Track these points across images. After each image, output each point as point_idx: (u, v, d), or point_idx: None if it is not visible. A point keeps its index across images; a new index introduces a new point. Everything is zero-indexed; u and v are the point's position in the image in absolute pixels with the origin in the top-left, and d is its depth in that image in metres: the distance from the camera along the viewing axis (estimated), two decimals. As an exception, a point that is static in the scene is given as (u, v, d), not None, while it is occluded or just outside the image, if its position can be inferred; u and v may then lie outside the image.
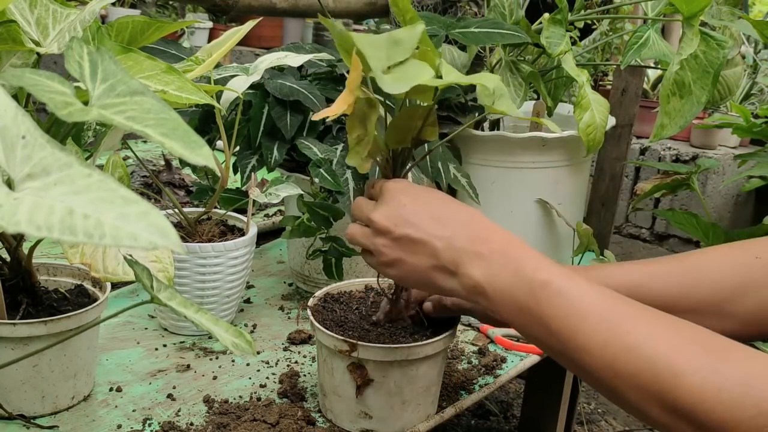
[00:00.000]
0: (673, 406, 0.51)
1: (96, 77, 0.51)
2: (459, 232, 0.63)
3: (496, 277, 0.60)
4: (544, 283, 0.58)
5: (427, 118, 0.67)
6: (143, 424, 0.79)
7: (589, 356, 0.55)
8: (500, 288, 0.60)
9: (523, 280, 0.59)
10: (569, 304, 0.56)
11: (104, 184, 0.41)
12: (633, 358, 0.53)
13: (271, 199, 0.99)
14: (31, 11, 0.66)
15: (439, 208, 0.65)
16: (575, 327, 0.56)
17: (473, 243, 0.62)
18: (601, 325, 0.55)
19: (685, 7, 1.09)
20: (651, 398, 0.52)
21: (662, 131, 1.16)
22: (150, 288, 0.65)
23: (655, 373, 0.52)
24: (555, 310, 0.57)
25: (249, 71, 0.99)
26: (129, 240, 0.38)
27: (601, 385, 0.56)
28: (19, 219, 0.38)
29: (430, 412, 0.83)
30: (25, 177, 0.41)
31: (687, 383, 0.51)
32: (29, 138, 0.43)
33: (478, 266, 0.61)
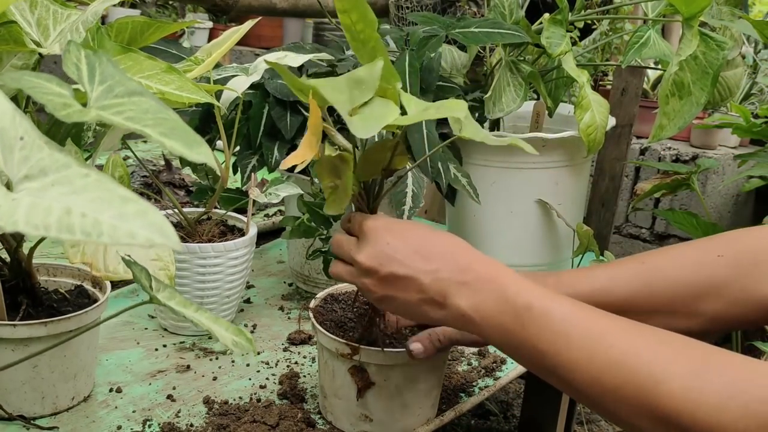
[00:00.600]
0: (659, 414, 0.52)
1: (94, 79, 0.51)
2: (443, 265, 0.64)
3: (481, 304, 0.62)
4: (527, 306, 0.59)
5: (395, 149, 0.68)
6: (143, 425, 0.79)
7: (576, 374, 0.56)
8: (487, 315, 0.61)
9: (508, 304, 0.60)
10: (553, 325, 0.58)
11: (102, 183, 0.41)
12: (616, 372, 0.54)
13: (271, 199, 0.98)
14: (31, 12, 0.66)
15: (422, 242, 0.66)
16: (560, 346, 0.57)
17: (458, 274, 0.63)
18: (584, 343, 0.56)
19: (685, 8, 1.09)
20: (637, 410, 0.53)
21: (661, 132, 1.16)
22: (149, 288, 0.65)
23: (638, 383, 0.53)
24: (540, 331, 0.58)
25: (249, 71, 0.99)
26: (127, 238, 0.38)
27: (591, 402, 0.57)
28: (17, 219, 0.38)
29: (430, 415, 0.83)
30: (23, 178, 0.41)
31: (669, 390, 0.51)
32: (27, 139, 0.43)
33: (465, 296, 0.62)
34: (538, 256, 1.26)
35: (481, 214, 1.24)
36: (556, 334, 0.57)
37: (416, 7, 1.44)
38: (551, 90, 1.27)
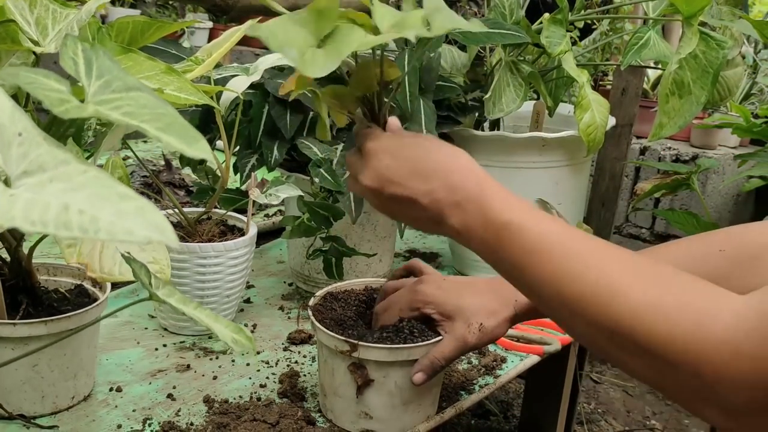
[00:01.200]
0: (614, 326, 0.52)
1: (91, 74, 0.51)
2: (438, 184, 0.66)
3: (469, 223, 0.64)
4: (507, 223, 0.61)
5: (382, 63, 0.69)
6: (143, 424, 0.79)
7: (544, 287, 0.58)
8: (474, 234, 0.64)
9: (491, 223, 0.62)
10: (527, 241, 0.60)
11: (100, 180, 0.41)
12: (578, 285, 0.55)
13: (271, 199, 0.99)
14: (30, 11, 0.66)
15: (420, 160, 0.68)
16: (532, 260, 0.59)
17: (450, 193, 0.65)
18: (553, 256, 0.58)
19: (685, 7, 1.09)
20: (594, 323, 0.54)
21: (661, 131, 1.16)
22: (148, 285, 0.64)
23: (596, 294, 0.54)
24: (516, 247, 0.60)
25: (249, 71, 0.99)
26: (124, 235, 0.38)
27: (557, 316, 0.59)
28: (14, 215, 0.38)
29: (430, 412, 0.83)
30: (21, 174, 0.41)
31: (626, 301, 0.52)
32: (25, 135, 0.43)
33: (457, 216, 0.64)
34: (538, 255, 1.26)
35: (481, 214, 1.24)
36: (530, 249, 0.59)
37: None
38: (551, 90, 1.27)
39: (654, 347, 0.51)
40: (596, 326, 0.54)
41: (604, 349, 0.55)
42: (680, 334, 0.50)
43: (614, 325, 0.53)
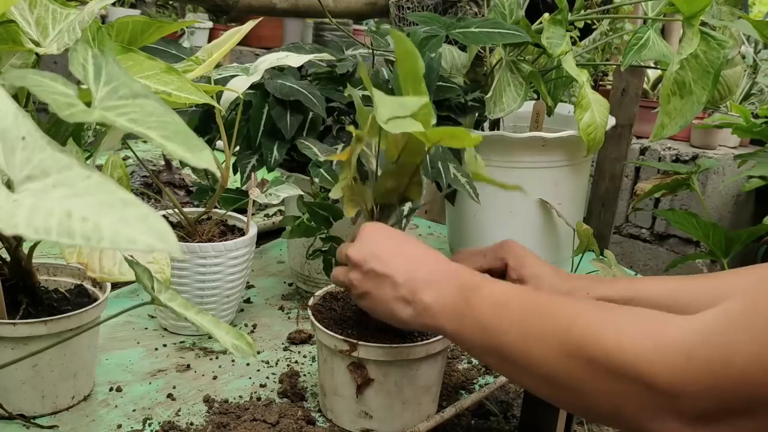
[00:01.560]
0: (572, 347, 0.54)
1: (100, 79, 0.51)
2: (419, 267, 0.69)
3: (441, 296, 0.67)
4: (476, 287, 0.65)
5: (413, 176, 0.75)
6: (143, 424, 0.79)
7: (510, 335, 0.60)
8: (445, 304, 0.66)
9: (461, 290, 0.66)
10: (494, 298, 0.63)
11: (104, 186, 0.41)
12: (541, 320, 0.58)
13: (271, 200, 0.99)
14: (30, 11, 0.66)
15: (406, 247, 0.72)
16: (499, 314, 0.62)
17: (429, 275, 0.68)
18: (519, 308, 0.61)
19: (686, 7, 1.09)
20: (553, 348, 0.56)
21: (662, 131, 1.16)
22: (151, 289, 0.65)
23: (557, 324, 0.57)
24: (484, 306, 0.63)
25: (249, 71, 0.99)
26: (127, 243, 0.38)
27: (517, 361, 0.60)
28: (17, 221, 0.38)
29: (431, 411, 0.83)
30: (25, 178, 0.41)
31: (582, 323, 0.55)
32: (29, 139, 0.43)
33: (429, 291, 0.67)
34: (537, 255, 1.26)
35: (481, 214, 1.25)
36: (496, 305, 0.62)
37: (417, 7, 1.44)
38: (551, 90, 1.27)
39: (608, 362, 0.52)
40: (557, 353, 0.55)
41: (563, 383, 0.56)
42: (631, 345, 0.51)
43: (572, 348, 0.54)
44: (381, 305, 0.71)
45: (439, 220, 1.61)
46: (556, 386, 0.57)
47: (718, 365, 0.46)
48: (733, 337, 0.46)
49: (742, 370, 0.45)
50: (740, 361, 0.45)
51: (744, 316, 0.47)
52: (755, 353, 0.44)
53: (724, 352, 0.46)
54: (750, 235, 1.58)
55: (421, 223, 1.58)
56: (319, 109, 1.04)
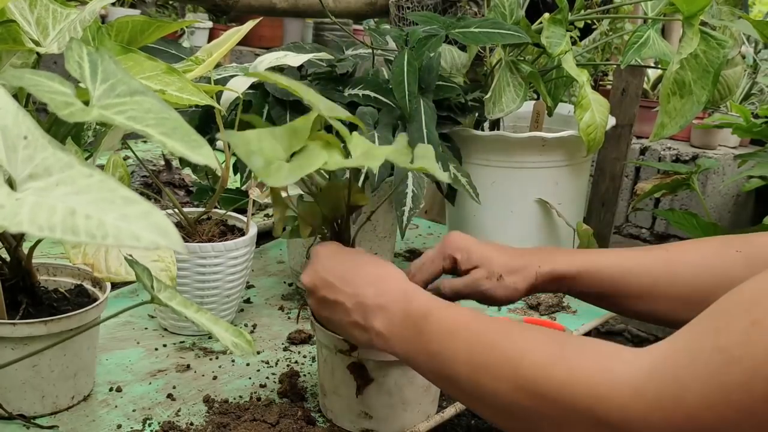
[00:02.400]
0: (522, 382, 0.54)
1: (96, 77, 0.51)
2: (366, 290, 0.69)
3: (391, 322, 0.66)
4: (425, 314, 0.65)
5: (350, 187, 0.74)
6: (143, 424, 0.79)
7: (458, 364, 0.60)
8: (395, 331, 0.66)
9: (410, 318, 0.65)
10: (443, 326, 0.63)
11: (105, 184, 0.41)
12: (490, 352, 0.58)
13: (271, 199, 0.98)
14: (31, 11, 0.66)
15: (353, 269, 0.72)
16: (447, 343, 0.61)
17: (376, 298, 0.68)
18: (466, 335, 0.61)
19: (686, 7, 1.09)
20: (503, 381, 0.56)
21: (662, 131, 1.16)
22: (150, 288, 0.65)
23: (506, 357, 0.57)
24: (432, 334, 0.63)
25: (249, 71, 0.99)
26: (131, 240, 0.38)
27: (469, 390, 0.59)
28: (21, 219, 0.38)
29: (431, 411, 0.83)
30: (27, 177, 0.41)
31: (532, 358, 0.55)
32: (31, 138, 0.43)
33: (380, 318, 0.67)
34: (538, 255, 1.26)
35: (481, 214, 1.25)
36: (445, 332, 0.62)
37: (416, 7, 1.44)
38: (551, 89, 1.27)
39: (560, 396, 0.51)
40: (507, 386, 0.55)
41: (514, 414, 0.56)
42: (582, 380, 0.51)
43: (522, 381, 0.54)
44: (340, 329, 0.72)
45: (439, 220, 1.61)
46: (508, 418, 0.57)
47: (669, 402, 0.45)
48: (680, 373, 0.46)
49: (691, 408, 0.44)
50: (690, 399, 0.44)
51: (687, 353, 0.46)
52: (702, 394, 0.44)
53: (673, 390, 0.45)
54: (750, 235, 1.57)
55: (421, 223, 1.58)
56: (319, 109, 1.04)
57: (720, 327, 0.45)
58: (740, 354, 0.43)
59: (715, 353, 0.44)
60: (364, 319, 0.68)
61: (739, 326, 0.44)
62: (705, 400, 0.44)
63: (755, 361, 0.42)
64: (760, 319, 0.43)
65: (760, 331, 0.43)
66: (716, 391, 0.43)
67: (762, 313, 0.43)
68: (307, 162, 0.61)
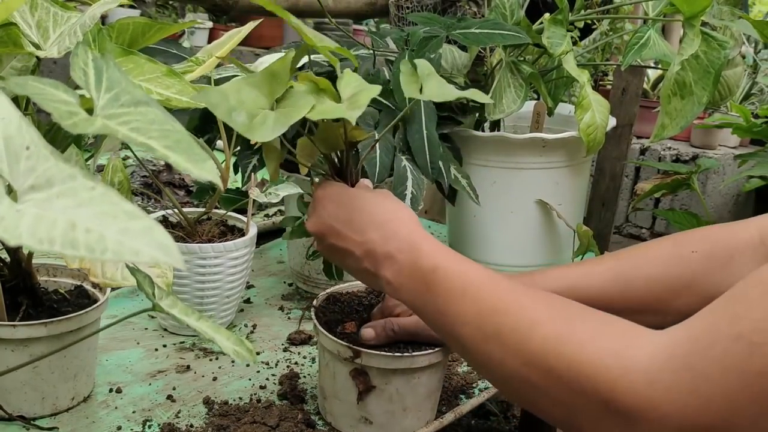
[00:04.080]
0: (530, 355, 0.53)
1: (101, 86, 0.51)
2: (373, 236, 0.67)
3: (400, 273, 0.65)
4: (434, 268, 0.63)
5: (345, 125, 0.70)
6: (143, 426, 0.79)
7: (466, 327, 0.58)
8: (404, 282, 0.65)
9: (418, 270, 0.64)
10: (451, 283, 0.61)
11: (107, 197, 0.40)
12: (498, 318, 0.56)
13: (271, 198, 0.98)
14: (31, 14, 0.65)
15: (358, 212, 0.69)
16: (455, 300, 0.60)
17: (384, 244, 0.67)
18: (475, 295, 0.59)
19: (686, 8, 1.09)
20: (510, 351, 0.54)
21: (663, 131, 1.16)
22: (152, 296, 0.64)
23: (515, 327, 0.55)
24: (441, 290, 0.62)
25: (249, 72, 0.99)
26: (131, 255, 0.38)
27: (475, 355, 0.58)
28: (21, 232, 0.38)
29: (430, 417, 0.83)
30: (29, 188, 0.41)
31: (543, 330, 0.53)
32: (33, 149, 0.43)
33: (389, 267, 0.66)
34: (538, 256, 1.26)
35: (482, 214, 1.24)
36: (453, 290, 0.61)
37: (416, 8, 1.44)
38: (551, 90, 1.27)
39: (568, 374, 0.50)
40: (514, 357, 0.54)
41: (519, 386, 0.55)
42: (593, 361, 0.49)
43: (530, 355, 0.53)
44: (354, 275, 0.71)
45: (439, 219, 1.61)
46: (511, 387, 0.56)
47: (683, 391, 0.44)
48: (697, 361, 0.44)
49: (706, 398, 0.43)
50: (706, 388, 0.43)
51: (704, 340, 0.45)
52: (719, 383, 0.43)
53: (688, 379, 0.44)
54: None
55: (421, 223, 1.58)
56: (320, 109, 1.04)
57: (738, 313, 0.44)
58: (760, 341, 0.41)
59: (734, 341, 0.42)
60: (374, 267, 0.67)
61: (759, 312, 0.42)
62: (721, 389, 0.42)
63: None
64: None
65: None
66: (734, 380, 0.42)
67: None
68: (293, 110, 0.57)
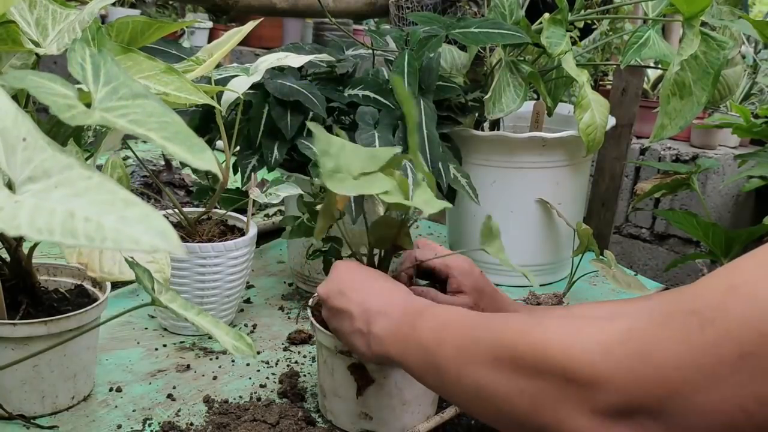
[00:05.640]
0: (499, 349, 0.55)
1: (98, 80, 0.51)
2: (375, 300, 0.71)
3: (390, 325, 0.68)
4: (421, 311, 0.66)
5: (401, 227, 0.76)
6: (143, 424, 0.79)
7: (446, 349, 0.60)
8: (392, 331, 0.67)
9: (407, 315, 0.67)
10: (435, 320, 0.64)
11: (104, 186, 0.40)
12: (476, 333, 0.59)
13: (271, 199, 0.98)
14: (30, 12, 0.66)
15: (369, 282, 0.74)
16: (439, 333, 0.62)
17: (382, 306, 0.70)
18: (458, 324, 0.61)
19: (686, 8, 1.09)
20: (482, 353, 0.56)
21: (662, 132, 1.16)
22: (151, 290, 0.64)
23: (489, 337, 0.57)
24: (425, 328, 0.64)
25: (249, 71, 0.99)
26: (130, 243, 0.38)
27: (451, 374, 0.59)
28: (19, 222, 0.38)
29: (430, 412, 0.83)
30: (26, 179, 0.41)
31: (512, 326, 0.56)
32: (30, 140, 0.43)
33: (381, 322, 0.68)
34: (538, 255, 1.26)
35: (481, 214, 1.24)
36: (437, 324, 0.63)
37: (416, 7, 1.44)
38: (551, 90, 1.27)
39: (533, 357, 0.52)
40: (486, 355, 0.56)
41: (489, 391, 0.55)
42: (556, 341, 0.51)
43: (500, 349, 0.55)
44: (343, 339, 0.73)
45: (440, 220, 1.61)
46: (480, 398, 0.57)
47: (636, 360, 0.45)
48: (652, 333, 0.45)
49: (659, 368, 0.44)
50: (658, 358, 0.44)
51: (662, 314, 0.46)
52: (671, 353, 0.44)
53: (642, 349, 0.45)
54: (750, 235, 1.57)
55: (421, 223, 1.58)
56: (320, 109, 1.04)
57: (698, 292, 0.45)
58: (713, 316, 0.42)
59: (689, 315, 0.44)
60: (366, 325, 0.69)
61: (717, 291, 0.44)
62: (673, 359, 0.43)
63: (727, 323, 0.42)
64: (738, 284, 0.43)
65: (737, 294, 0.42)
66: (685, 351, 0.43)
67: (740, 278, 0.43)
68: (370, 184, 0.65)
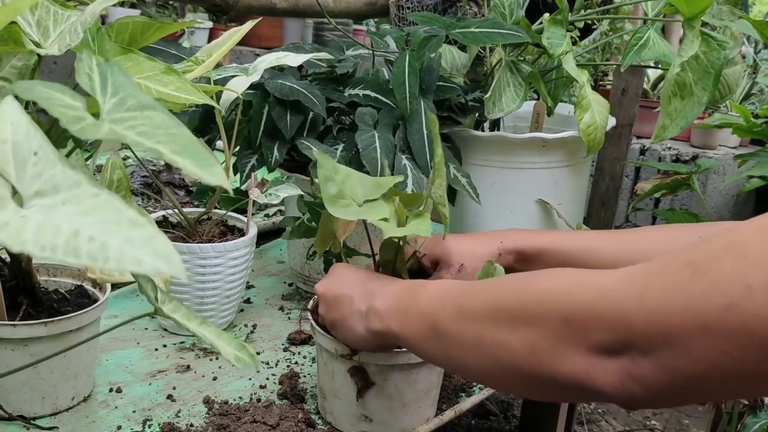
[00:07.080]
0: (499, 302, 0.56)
1: (106, 90, 0.51)
2: (375, 282, 0.72)
3: (390, 298, 0.69)
4: (423, 284, 0.67)
5: (397, 253, 0.79)
6: (143, 425, 0.79)
7: (446, 312, 0.61)
8: (391, 305, 0.68)
9: (408, 290, 0.68)
10: (438, 288, 0.65)
11: (111, 204, 0.40)
12: (476, 292, 0.60)
13: (271, 199, 0.98)
14: (31, 13, 0.65)
15: (365, 276, 0.75)
16: (439, 300, 0.63)
17: (384, 285, 0.71)
18: (457, 291, 0.62)
19: (686, 8, 1.09)
20: (482, 307, 0.57)
21: (663, 132, 1.16)
22: (154, 300, 0.64)
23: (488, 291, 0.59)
24: (425, 298, 0.65)
25: (249, 71, 0.99)
26: (133, 265, 0.38)
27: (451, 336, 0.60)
28: (25, 238, 0.38)
29: (430, 414, 0.83)
30: (34, 194, 0.41)
31: (511, 280, 0.58)
32: (41, 154, 0.42)
33: (383, 296, 0.69)
34: (538, 256, 1.26)
35: (481, 214, 1.24)
36: (437, 292, 0.64)
37: (416, 7, 1.44)
38: (551, 90, 1.27)
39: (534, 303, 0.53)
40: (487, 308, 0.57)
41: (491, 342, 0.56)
42: (555, 288, 0.52)
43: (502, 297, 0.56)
44: (340, 325, 0.73)
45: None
46: (480, 351, 0.57)
47: (630, 304, 0.47)
48: (648, 279, 0.47)
49: (651, 313, 0.46)
50: (651, 303, 0.46)
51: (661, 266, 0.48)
52: (663, 298, 0.45)
53: (636, 292, 0.47)
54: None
55: (421, 223, 1.58)
56: (320, 109, 1.04)
57: (699, 246, 0.47)
58: (706, 268, 0.44)
59: (684, 266, 0.46)
60: (368, 301, 0.69)
61: (715, 246, 0.45)
62: (665, 305, 0.45)
63: (719, 276, 0.43)
64: (735, 241, 0.44)
65: (732, 250, 0.44)
66: (676, 298, 0.45)
67: (738, 238, 0.44)
68: (371, 211, 0.70)
